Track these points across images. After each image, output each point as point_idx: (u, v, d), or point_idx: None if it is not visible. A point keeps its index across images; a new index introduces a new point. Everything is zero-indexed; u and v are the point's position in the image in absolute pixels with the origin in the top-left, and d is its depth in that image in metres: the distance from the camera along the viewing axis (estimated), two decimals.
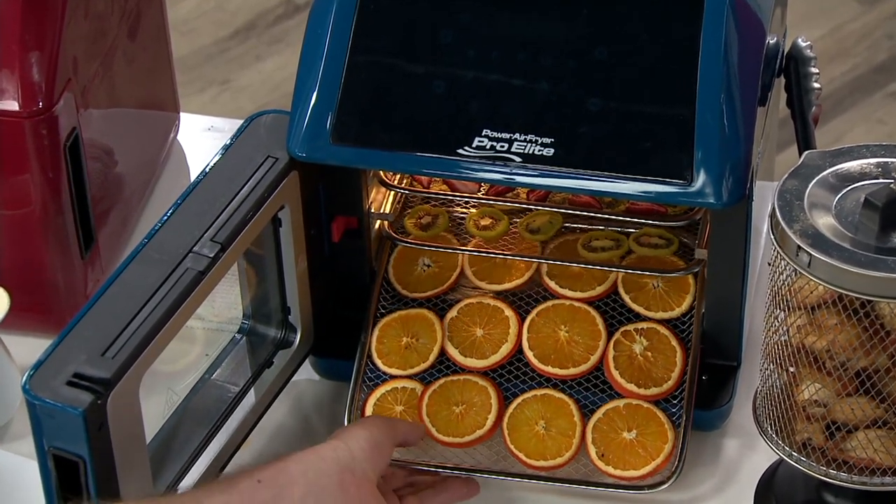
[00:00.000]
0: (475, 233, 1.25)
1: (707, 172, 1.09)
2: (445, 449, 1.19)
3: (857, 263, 0.97)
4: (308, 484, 1.02)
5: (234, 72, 2.89)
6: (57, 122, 1.20)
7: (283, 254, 1.20)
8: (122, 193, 1.38)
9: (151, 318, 1.03)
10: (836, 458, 1.04)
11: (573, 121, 1.11)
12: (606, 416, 1.18)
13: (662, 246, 1.22)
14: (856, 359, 1.01)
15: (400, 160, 1.14)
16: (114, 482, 1.02)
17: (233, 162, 1.15)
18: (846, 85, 2.65)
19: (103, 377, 0.99)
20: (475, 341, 1.23)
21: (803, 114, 1.19)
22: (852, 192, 1.02)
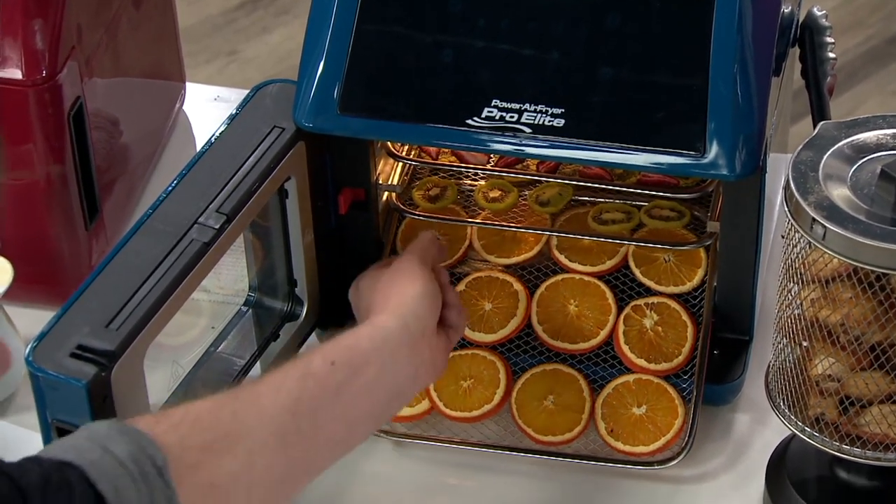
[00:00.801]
0: (484, 205, 1.24)
1: (720, 144, 1.07)
2: (453, 424, 1.18)
3: (873, 236, 0.96)
4: (382, 362, 1.00)
5: (241, 43, 2.87)
6: (60, 90, 1.19)
7: (290, 226, 1.18)
8: (127, 164, 1.37)
9: (156, 289, 1.02)
10: (850, 434, 1.03)
11: (584, 91, 1.10)
12: (616, 391, 1.17)
13: (674, 219, 1.21)
14: (870, 333, 1.00)
15: (408, 131, 1.12)
16: None
17: (238, 132, 1.14)
18: (860, 56, 2.63)
19: (107, 349, 0.98)
20: (483, 315, 1.21)
21: (818, 84, 1.18)
22: (868, 164, 1.00)
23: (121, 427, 0.86)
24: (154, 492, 0.84)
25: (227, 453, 0.89)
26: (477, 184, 1.26)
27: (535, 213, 1.24)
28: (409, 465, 1.18)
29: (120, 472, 0.83)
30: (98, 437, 0.85)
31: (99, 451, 0.83)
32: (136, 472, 0.84)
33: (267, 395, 0.93)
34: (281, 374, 0.96)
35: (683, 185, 1.20)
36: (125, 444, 0.85)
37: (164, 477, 0.85)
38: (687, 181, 1.20)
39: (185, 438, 0.88)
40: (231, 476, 0.89)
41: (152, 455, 0.85)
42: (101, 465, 0.83)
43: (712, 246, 1.19)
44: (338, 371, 0.97)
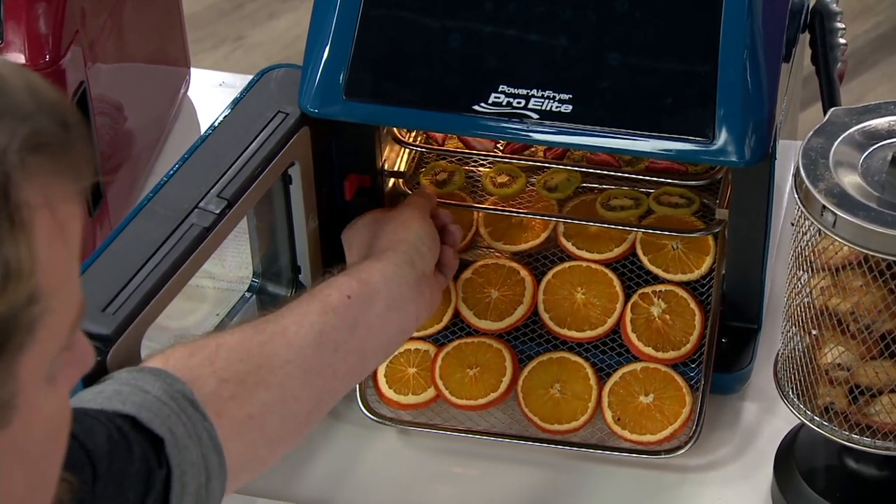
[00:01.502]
0: (491, 190, 1.23)
1: (729, 130, 1.06)
2: (459, 412, 1.17)
3: (884, 223, 0.95)
4: (391, 295, 1.04)
5: (248, 29, 2.86)
6: (64, 75, 1.18)
7: (294, 212, 1.17)
8: (131, 150, 1.36)
9: (154, 274, 1.01)
10: (859, 423, 1.02)
11: (592, 76, 1.08)
12: (623, 379, 1.16)
13: (683, 205, 1.20)
14: (881, 321, 0.99)
15: (414, 117, 1.11)
16: None
17: (242, 117, 1.13)
18: (869, 43, 2.61)
19: (103, 333, 0.97)
20: (490, 303, 1.20)
21: (828, 70, 1.16)
22: (879, 150, 0.99)
23: (140, 369, 0.89)
24: (196, 424, 0.86)
25: (261, 385, 0.93)
26: (483, 170, 1.25)
27: (542, 200, 1.23)
28: (414, 453, 1.17)
29: (166, 411, 0.85)
30: (130, 381, 0.87)
31: (140, 394, 0.86)
32: (177, 408, 0.86)
33: (292, 329, 0.97)
34: (302, 307, 0.99)
35: (692, 171, 1.19)
36: (155, 381, 0.87)
37: (199, 409, 0.87)
38: (696, 168, 1.19)
39: (221, 371, 0.91)
40: (266, 407, 0.93)
41: (180, 389, 0.88)
42: (149, 407, 0.85)
43: (721, 233, 1.18)
44: (354, 305, 1.01)
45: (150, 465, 0.83)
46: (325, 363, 0.98)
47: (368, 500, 1.14)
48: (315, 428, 0.99)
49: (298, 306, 0.99)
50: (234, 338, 0.95)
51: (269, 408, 0.93)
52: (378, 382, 1.18)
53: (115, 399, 0.85)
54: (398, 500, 1.14)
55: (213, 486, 0.87)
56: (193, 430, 0.86)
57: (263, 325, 0.97)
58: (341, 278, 1.03)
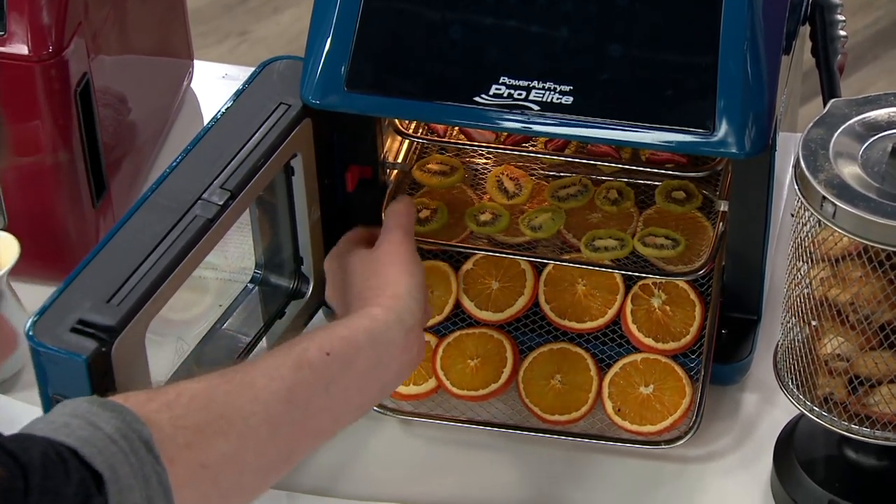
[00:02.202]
0: (475, 228, 1.20)
1: (729, 122, 1.06)
2: (460, 402, 1.18)
3: (884, 214, 0.95)
4: (377, 355, 1.00)
5: (252, 23, 2.87)
6: (67, 66, 1.19)
7: (296, 203, 1.18)
8: (134, 141, 1.37)
9: (158, 265, 1.02)
10: (859, 413, 1.02)
11: (592, 68, 1.09)
12: (623, 370, 1.16)
13: (668, 247, 1.17)
14: (880, 312, 0.99)
15: (416, 108, 1.12)
16: None
17: (244, 108, 1.13)
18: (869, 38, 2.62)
19: (108, 324, 0.98)
20: (491, 294, 1.21)
21: (828, 62, 1.17)
22: (879, 141, 0.99)
23: (103, 402, 0.85)
24: (145, 466, 0.83)
25: (220, 436, 0.89)
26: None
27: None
28: (415, 444, 1.17)
29: (112, 449, 0.82)
30: (83, 414, 0.84)
31: (89, 429, 0.83)
32: (127, 448, 0.83)
33: (261, 381, 0.93)
34: (276, 359, 0.95)
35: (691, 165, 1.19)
36: (111, 418, 0.84)
37: (153, 452, 0.84)
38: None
39: (178, 418, 0.88)
40: (223, 458, 0.89)
41: (138, 430, 0.84)
42: (93, 443, 0.82)
43: (720, 225, 1.18)
44: (332, 363, 0.97)
45: (89, 492, 0.80)
46: (292, 419, 0.94)
47: (370, 489, 1.14)
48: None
49: (273, 357, 0.96)
50: (199, 385, 0.91)
51: (226, 459, 0.89)
52: None
53: (61, 431, 0.82)
54: (399, 490, 1.14)
55: None
56: (141, 472, 0.83)
57: (232, 374, 0.93)
58: (323, 333, 0.99)
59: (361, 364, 0.98)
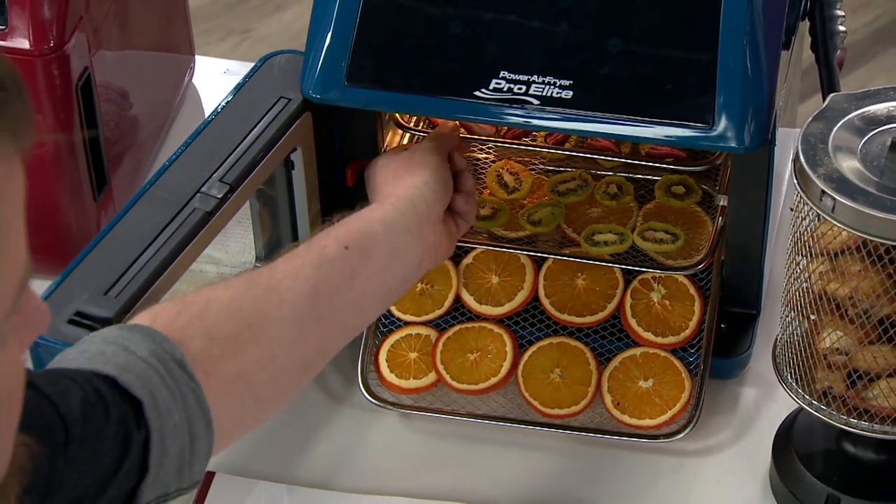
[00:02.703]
0: (474, 222, 1.20)
1: (729, 116, 1.06)
2: (459, 396, 1.18)
3: (883, 208, 0.95)
4: (391, 243, 1.01)
5: (254, 21, 2.87)
6: (68, 61, 1.19)
7: (296, 197, 1.18)
8: (136, 136, 1.37)
9: (157, 258, 1.02)
10: (857, 407, 1.02)
11: (592, 63, 1.09)
12: (623, 364, 1.17)
13: (667, 241, 1.17)
14: (879, 306, 0.99)
15: (416, 103, 1.12)
16: None
17: (244, 102, 1.13)
18: (868, 36, 2.62)
19: (105, 316, 0.98)
20: (491, 288, 1.21)
21: (828, 57, 1.17)
22: (879, 136, 0.99)
23: (132, 327, 0.86)
24: (181, 386, 0.84)
25: (252, 342, 0.90)
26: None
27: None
28: (415, 438, 1.17)
29: (149, 373, 0.83)
30: (116, 340, 0.85)
31: (124, 354, 0.83)
32: (162, 370, 0.84)
33: (286, 283, 0.94)
34: (297, 259, 0.96)
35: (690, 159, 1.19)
36: (143, 341, 0.85)
37: (187, 370, 0.85)
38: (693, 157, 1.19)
39: (210, 329, 0.89)
40: (257, 364, 0.90)
41: (171, 350, 0.85)
42: (130, 368, 0.83)
43: (720, 219, 1.19)
44: (351, 256, 0.98)
45: (128, 428, 0.81)
46: (319, 317, 0.95)
47: (369, 483, 1.14)
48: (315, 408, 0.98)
49: (293, 258, 0.96)
50: (226, 294, 0.92)
51: (260, 365, 0.91)
52: (380, 366, 1.19)
53: (97, 359, 0.83)
54: (399, 484, 1.14)
55: (198, 447, 0.85)
56: (178, 392, 0.84)
57: (258, 278, 0.94)
58: (339, 228, 0.99)
59: (379, 253, 0.99)
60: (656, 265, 1.17)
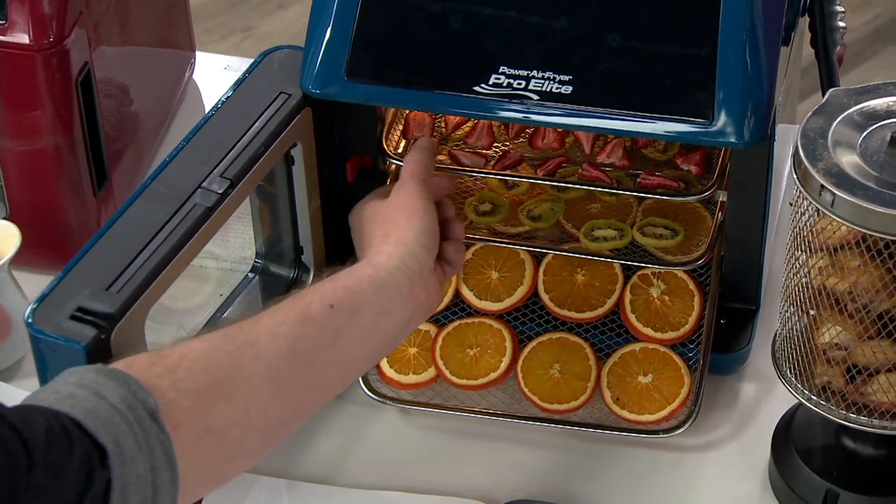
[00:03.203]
0: (474, 218, 1.20)
1: (728, 111, 1.06)
2: (459, 391, 1.18)
3: (882, 203, 0.95)
4: (380, 303, 0.98)
5: (257, 19, 2.87)
6: (68, 55, 1.19)
7: (296, 192, 1.18)
8: (136, 132, 1.37)
9: (158, 253, 1.02)
10: (857, 402, 1.02)
11: (592, 58, 1.09)
12: (622, 359, 1.17)
13: (667, 237, 1.16)
14: (878, 301, 0.99)
15: (415, 98, 1.12)
16: None
17: (244, 98, 1.13)
18: (868, 35, 2.62)
19: (107, 312, 0.98)
20: (490, 284, 1.21)
21: (827, 53, 1.17)
22: (878, 131, 0.99)
23: (108, 371, 0.85)
24: (149, 437, 0.82)
25: (223, 398, 0.88)
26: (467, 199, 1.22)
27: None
28: (414, 433, 1.18)
29: (117, 420, 0.81)
30: (89, 383, 0.83)
31: (94, 399, 0.82)
32: (132, 418, 0.82)
33: (264, 339, 0.91)
34: (279, 315, 0.94)
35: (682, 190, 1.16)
36: (116, 388, 0.83)
37: (158, 421, 0.83)
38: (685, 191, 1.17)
39: (181, 382, 0.87)
40: (227, 421, 0.88)
41: (143, 399, 0.84)
42: (98, 414, 0.81)
43: (719, 215, 1.18)
44: (336, 315, 0.95)
45: (92, 466, 0.79)
46: (298, 376, 0.92)
47: (369, 478, 1.14)
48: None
49: (276, 314, 0.94)
50: (202, 346, 0.89)
51: (231, 421, 0.88)
52: (380, 362, 1.19)
53: (65, 402, 0.82)
54: (399, 479, 1.14)
55: (160, 499, 0.82)
56: (145, 443, 0.82)
57: (235, 332, 0.92)
58: (327, 285, 0.97)
59: (366, 313, 0.97)
60: (656, 261, 1.17)
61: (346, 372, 0.97)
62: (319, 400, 0.96)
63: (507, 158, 1.19)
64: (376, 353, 1.00)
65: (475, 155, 1.20)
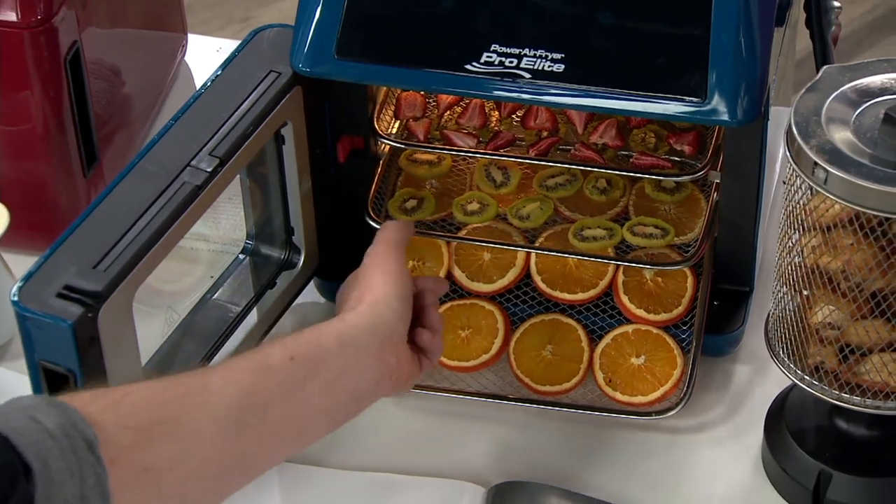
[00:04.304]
0: (462, 218, 1.19)
1: (722, 90, 1.05)
2: (450, 373, 1.17)
3: (876, 179, 0.94)
4: (345, 361, 0.95)
5: (254, 9, 2.86)
6: (56, 33, 1.18)
7: (287, 172, 1.17)
8: (128, 114, 1.36)
9: (146, 231, 1.01)
10: (850, 382, 1.02)
11: (584, 36, 1.08)
12: (615, 341, 1.16)
13: (657, 236, 1.15)
14: (871, 280, 0.98)
15: (406, 76, 1.11)
16: None
17: (234, 76, 1.12)
18: (865, 26, 2.62)
19: (94, 290, 0.97)
20: (482, 265, 1.20)
21: (822, 32, 1.16)
22: (872, 108, 0.99)
23: (50, 400, 0.82)
24: (84, 466, 0.80)
25: (165, 439, 0.85)
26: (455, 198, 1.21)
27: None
28: (405, 415, 1.17)
29: (48, 443, 0.79)
30: (25, 408, 0.81)
31: (26, 420, 0.79)
32: (66, 445, 0.79)
33: (216, 385, 0.89)
34: (237, 363, 0.91)
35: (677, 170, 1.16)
36: (54, 415, 0.80)
37: (95, 453, 0.80)
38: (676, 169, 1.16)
39: (123, 419, 0.84)
40: (166, 462, 0.85)
41: (82, 430, 0.81)
42: (28, 434, 0.79)
43: (713, 196, 1.18)
44: (296, 367, 0.92)
45: (15, 476, 0.76)
46: (248, 427, 0.89)
47: (360, 460, 1.13)
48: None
49: (233, 362, 0.91)
50: (150, 387, 0.87)
51: (170, 464, 0.85)
52: None
53: None
54: (390, 461, 1.13)
55: None
56: (78, 470, 0.79)
57: (187, 377, 0.89)
58: (291, 336, 0.94)
59: (329, 370, 0.93)
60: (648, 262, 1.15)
61: (301, 431, 0.93)
62: (270, 457, 0.92)
63: (499, 139, 1.18)
64: (337, 414, 0.96)
65: (467, 135, 1.19)
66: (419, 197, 1.21)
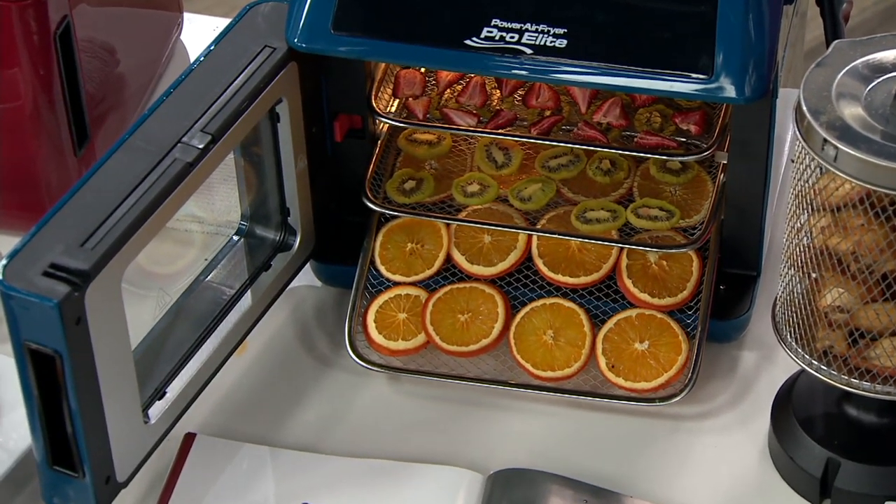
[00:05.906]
0: (462, 200, 1.16)
1: (728, 66, 1.03)
2: (450, 358, 1.15)
3: (888, 156, 0.91)
4: None
5: None
6: (45, 7, 1.16)
7: (282, 151, 1.14)
8: (122, 93, 1.34)
9: (135, 209, 0.98)
10: (859, 367, 0.99)
11: (588, 10, 1.05)
12: (618, 326, 1.13)
13: (662, 218, 1.13)
14: (882, 261, 0.95)
15: (405, 52, 1.08)
16: (94, 380, 0.98)
17: (227, 51, 1.10)
18: (878, 15, 2.60)
19: (81, 269, 0.94)
20: (482, 248, 1.17)
21: (833, 10, 1.13)
22: (884, 84, 0.96)
23: None
24: None
25: None
26: (455, 179, 1.18)
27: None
28: (403, 400, 1.14)
29: None
30: None
31: None
32: None
33: None
34: None
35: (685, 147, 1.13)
36: None
37: None
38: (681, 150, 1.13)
39: None
40: None
41: None
42: None
43: (720, 178, 1.15)
44: None
45: None
46: None
47: (357, 446, 1.11)
48: (301, 370, 0.88)
49: None
50: None
51: None
52: (368, 328, 1.15)
53: None
54: (387, 447, 1.11)
55: None
56: None
57: None
58: None
59: None
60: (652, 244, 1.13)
61: None
62: None
63: (500, 117, 1.16)
64: None
65: (467, 114, 1.16)
66: (418, 178, 1.19)
